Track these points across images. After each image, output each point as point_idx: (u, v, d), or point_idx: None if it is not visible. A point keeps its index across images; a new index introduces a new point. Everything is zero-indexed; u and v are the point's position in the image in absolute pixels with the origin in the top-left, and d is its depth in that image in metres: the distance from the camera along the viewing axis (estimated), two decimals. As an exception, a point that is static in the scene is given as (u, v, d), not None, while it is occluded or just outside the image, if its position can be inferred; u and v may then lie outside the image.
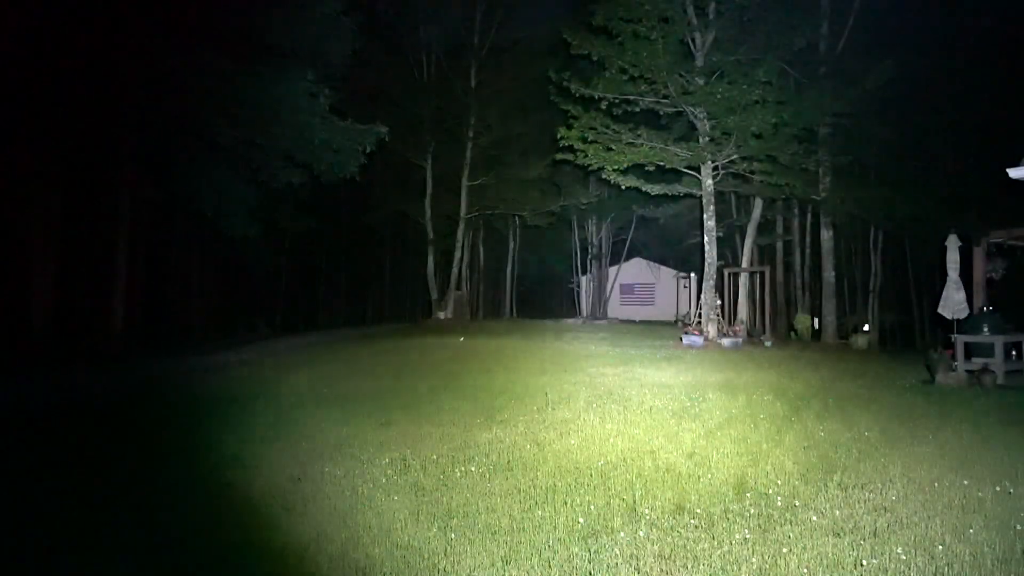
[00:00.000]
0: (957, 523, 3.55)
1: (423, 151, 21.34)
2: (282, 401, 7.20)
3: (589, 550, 3.22)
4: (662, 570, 3.04)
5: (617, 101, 14.41)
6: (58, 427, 6.31)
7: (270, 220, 17.96)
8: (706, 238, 14.70)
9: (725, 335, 14.07)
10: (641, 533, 3.41)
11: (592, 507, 3.78)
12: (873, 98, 15.02)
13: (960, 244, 9.83)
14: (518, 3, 21.71)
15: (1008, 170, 8.43)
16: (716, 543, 3.29)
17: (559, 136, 14.91)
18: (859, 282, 23.38)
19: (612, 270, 29.28)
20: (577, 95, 14.31)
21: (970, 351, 8.73)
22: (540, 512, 3.71)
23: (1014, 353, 8.68)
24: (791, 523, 3.56)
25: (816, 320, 18.53)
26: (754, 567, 3.05)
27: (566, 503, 3.85)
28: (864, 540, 3.33)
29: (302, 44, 12.63)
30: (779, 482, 4.24)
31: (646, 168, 15.08)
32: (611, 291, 29.04)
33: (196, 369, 10.59)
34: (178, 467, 4.76)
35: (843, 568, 3.05)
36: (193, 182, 12.97)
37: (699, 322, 15.01)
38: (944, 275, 9.98)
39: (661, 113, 15.19)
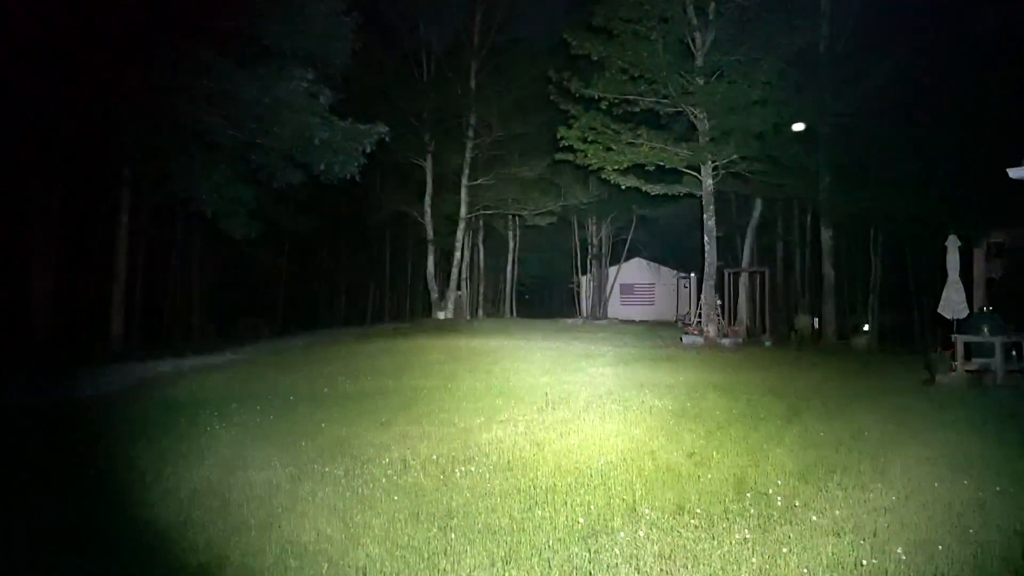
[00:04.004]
0: (957, 523, 3.55)
1: (423, 151, 21.33)
2: (282, 401, 7.20)
3: (589, 550, 3.22)
4: (662, 570, 3.04)
5: (617, 101, 14.41)
6: (57, 426, 6.32)
7: (270, 220, 17.94)
8: (706, 238, 14.71)
9: (725, 335, 14.07)
10: (641, 533, 3.41)
11: (592, 507, 3.78)
12: (873, 98, 15.02)
13: (960, 244, 9.82)
14: (518, 3, 21.71)
15: (1008, 170, 8.43)
16: (716, 543, 3.29)
17: (559, 136, 14.92)
18: (859, 282, 23.38)
19: (612, 270, 29.29)
20: (577, 95, 14.32)
21: (970, 351, 8.72)
22: (540, 512, 3.71)
23: (1014, 353, 8.67)
24: (791, 523, 3.56)
25: (816, 320, 18.54)
26: (754, 567, 3.05)
27: (566, 503, 3.85)
28: (864, 540, 3.33)
29: (302, 44, 12.59)
30: (779, 482, 4.24)
31: (646, 168, 15.09)
32: (611, 291, 29.04)
33: (196, 369, 10.59)
34: (178, 466, 4.76)
35: (843, 568, 3.06)
36: (193, 182, 12.93)
37: (699, 322, 15.02)
38: (944, 275, 9.98)
39: (661, 113, 15.19)
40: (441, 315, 20.73)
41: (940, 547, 3.23)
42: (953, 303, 9.63)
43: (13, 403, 7.63)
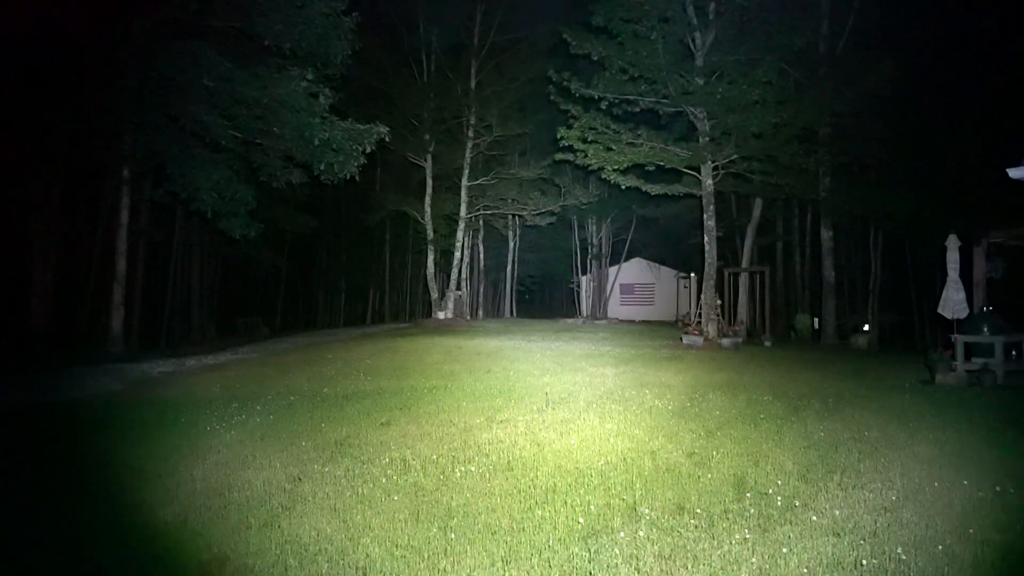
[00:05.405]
0: (957, 523, 3.55)
1: (423, 151, 21.31)
2: (282, 401, 7.20)
3: (589, 550, 3.22)
4: (662, 570, 3.04)
5: (617, 101, 14.40)
6: (56, 426, 6.32)
7: (270, 220, 17.97)
8: (706, 238, 14.69)
9: (725, 335, 14.05)
10: (641, 533, 3.41)
11: (592, 507, 3.78)
12: (873, 98, 15.02)
13: (960, 244, 9.82)
14: (518, 3, 21.68)
15: (1008, 170, 8.42)
16: (716, 543, 3.29)
17: (559, 136, 14.91)
18: (859, 282, 23.38)
19: (612, 270, 29.29)
20: (577, 95, 14.30)
21: (970, 351, 8.72)
22: (540, 512, 3.71)
23: (1014, 353, 8.67)
24: (791, 523, 3.56)
25: (816, 320, 18.53)
26: (754, 567, 3.05)
27: (566, 503, 3.85)
28: (864, 540, 3.33)
29: (302, 44, 12.62)
30: (779, 482, 4.24)
31: (646, 168, 15.09)
32: (611, 291, 29.04)
33: (196, 369, 10.59)
34: (178, 466, 4.76)
35: (843, 568, 3.06)
36: (193, 182, 12.95)
37: (699, 322, 15.00)
38: (944, 275, 9.97)
39: (661, 113, 15.18)
40: (441, 315, 20.71)
41: (940, 547, 3.23)
42: (953, 303, 9.61)
43: (13, 403, 7.64)
